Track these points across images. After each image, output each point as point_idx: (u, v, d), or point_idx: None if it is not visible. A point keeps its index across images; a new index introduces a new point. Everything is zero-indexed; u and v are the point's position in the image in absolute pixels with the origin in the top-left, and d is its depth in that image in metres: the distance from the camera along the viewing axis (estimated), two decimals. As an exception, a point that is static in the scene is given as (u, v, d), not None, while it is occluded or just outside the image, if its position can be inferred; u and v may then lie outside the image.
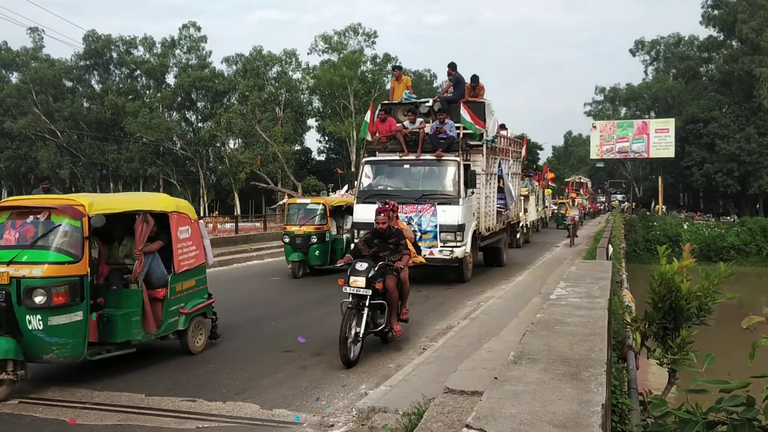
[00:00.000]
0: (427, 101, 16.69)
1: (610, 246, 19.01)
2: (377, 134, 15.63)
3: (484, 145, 15.75)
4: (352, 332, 7.64)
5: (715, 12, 67.50)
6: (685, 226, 44.44)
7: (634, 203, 72.74)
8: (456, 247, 14.17)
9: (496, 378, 2.33)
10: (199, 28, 72.85)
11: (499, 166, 17.58)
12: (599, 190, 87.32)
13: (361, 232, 13.51)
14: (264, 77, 68.08)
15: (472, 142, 15.52)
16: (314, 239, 16.02)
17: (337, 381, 7.17)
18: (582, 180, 74.06)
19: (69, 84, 72.58)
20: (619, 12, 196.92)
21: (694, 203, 75.62)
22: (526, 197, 28.17)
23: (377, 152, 15.92)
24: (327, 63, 69.62)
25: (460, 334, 9.20)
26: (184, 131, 71.97)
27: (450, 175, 14.55)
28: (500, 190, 17.66)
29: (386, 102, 17.70)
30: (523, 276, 16.14)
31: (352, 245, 11.20)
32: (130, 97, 70.20)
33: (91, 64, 72.03)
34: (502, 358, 2.83)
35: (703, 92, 70.62)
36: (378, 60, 70.61)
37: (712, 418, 3.33)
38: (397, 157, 15.11)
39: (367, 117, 16.41)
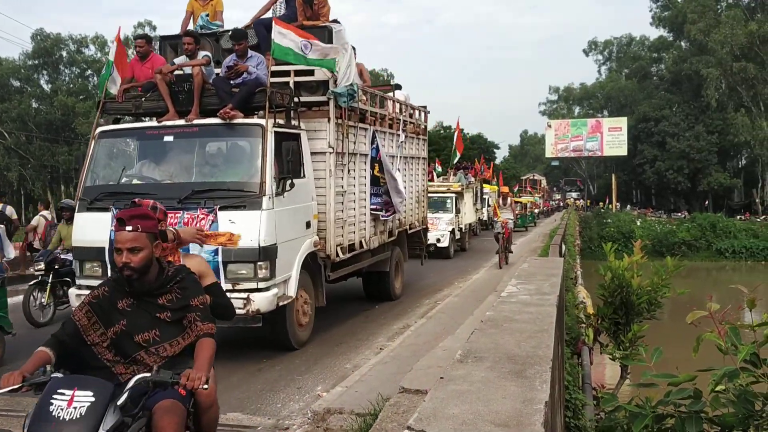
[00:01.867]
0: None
1: (563, 244, 19.28)
2: (133, 81, 8.91)
3: (332, 103, 9.00)
4: None
5: (665, 13, 69.20)
6: (638, 223, 45.41)
7: (588, 201, 74.11)
8: (256, 290, 7.46)
9: (441, 378, 2.31)
10: (154, 27, 71.45)
11: (373, 142, 10.56)
12: (555, 188, 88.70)
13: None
14: (219, 77, 67.30)
15: (307, 98, 9.11)
16: None
17: (293, 383, 7.10)
18: (536, 177, 74.44)
19: (17, 84, 70.58)
20: (574, 13, 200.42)
21: (647, 200, 77.37)
22: (460, 194, 22.16)
23: (126, 116, 9.37)
24: (283, 62, 69.19)
25: (417, 332, 9.22)
26: (138, 132, 70.66)
27: (247, 152, 8.25)
28: (375, 181, 10.71)
29: (168, 35, 10.11)
30: (480, 274, 16.25)
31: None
32: (81, 97, 68.57)
33: (39, 64, 70.15)
34: (455, 356, 2.82)
35: (654, 91, 72.39)
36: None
37: (661, 411, 3.38)
38: (154, 123, 8.41)
39: (112, 53, 9.51)
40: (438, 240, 19.30)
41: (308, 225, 8.64)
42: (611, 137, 68.77)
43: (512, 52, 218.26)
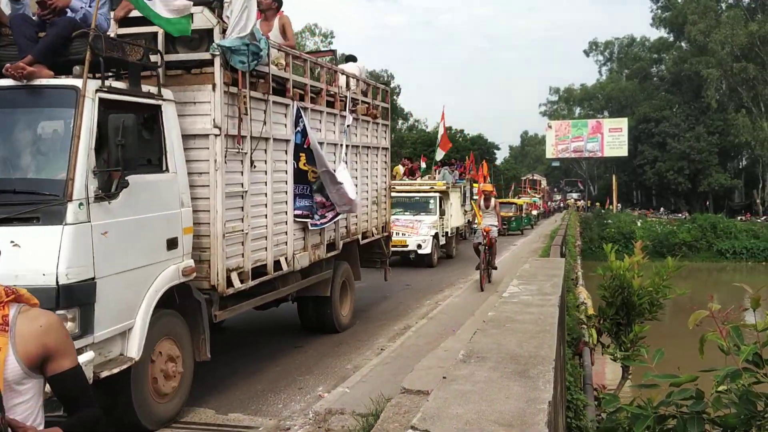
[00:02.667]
0: None
1: (563, 245, 19.19)
2: None
3: (218, 62, 6.26)
4: None
5: (665, 14, 69.26)
6: (639, 224, 45.39)
7: (589, 201, 74.02)
8: None
9: (444, 377, 2.31)
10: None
11: (298, 123, 7.87)
12: (555, 189, 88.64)
13: None
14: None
15: (181, 56, 6.35)
16: None
17: (294, 384, 7.11)
18: (536, 177, 73.75)
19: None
20: (574, 14, 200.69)
21: (647, 201, 77.34)
22: (445, 194, 19.34)
23: None
24: (284, 63, 69.46)
25: (417, 333, 9.23)
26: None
27: (52, 131, 5.47)
28: (302, 177, 7.99)
29: None
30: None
31: None
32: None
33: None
34: (457, 356, 2.83)
35: (654, 92, 72.47)
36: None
37: (663, 412, 3.38)
38: None
39: None
40: (419, 246, 17.03)
41: (172, 244, 5.76)
42: (612, 138, 68.88)
43: (512, 53, 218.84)
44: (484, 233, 13.47)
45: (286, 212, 7.70)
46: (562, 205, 72.23)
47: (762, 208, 59.43)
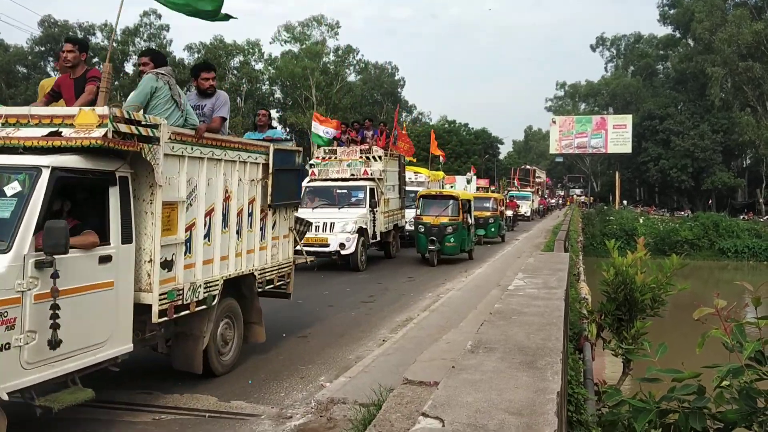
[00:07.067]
0: None
1: (567, 240, 19.20)
2: None
3: None
4: None
5: (672, 11, 68.99)
6: (641, 221, 45.36)
7: (591, 198, 73.83)
8: None
9: (453, 367, 2.34)
10: (159, 16, 71.67)
11: None
12: (558, 185, 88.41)
13: None
14: (225, 67, 67.35)
15: None
16: None
17: (296, 373, 7.14)
18: (528, 168, 67.66)
19: (23, 70, 70.73)
20: (581, 9, 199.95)
21: (650, 198, 77.25)
22: (139, 166, 5.59)
23: None
24: (289, 54, 69.26)
25: (420, 325, 9.26)
26: (144, 121, 70.72)
27: None
28: None
29: None
30: (482, 268, 16.28)
31: None
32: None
33: (47, 50, 70.26)
34: (460, 348, 2.86)
35: (659, 89, 72.21)
36: (340, 51, 70.70)
37: (665, 406, 3.41)
38: None
39: None
40: None
41: None
42: (616, 134, 68.79)
43: (518, 47, 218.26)
44: None
45: None
46: (562, 201, 71.72)
47: (765, 207, 59.36)
